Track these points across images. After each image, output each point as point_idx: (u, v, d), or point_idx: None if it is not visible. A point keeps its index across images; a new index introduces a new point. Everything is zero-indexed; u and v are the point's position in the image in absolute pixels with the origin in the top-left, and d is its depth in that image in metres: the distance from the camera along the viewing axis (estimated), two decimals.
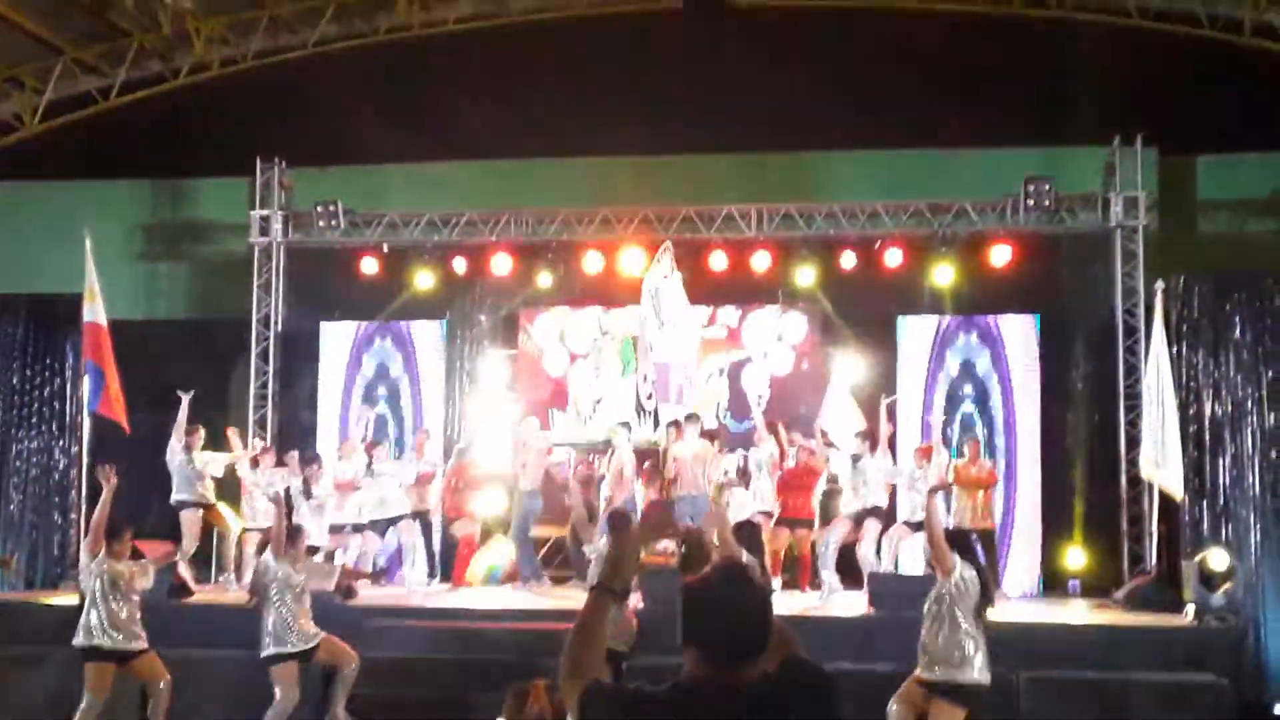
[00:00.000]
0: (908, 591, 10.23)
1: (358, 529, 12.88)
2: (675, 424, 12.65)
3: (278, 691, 8.68)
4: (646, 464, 12.63)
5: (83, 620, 8.71)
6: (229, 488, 12.85)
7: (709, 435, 12.74)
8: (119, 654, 8.69)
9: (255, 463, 12.74)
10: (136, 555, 9.03)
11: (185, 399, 12.34)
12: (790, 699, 3.10)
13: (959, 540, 8.52)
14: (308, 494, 12.41)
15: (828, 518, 12.35)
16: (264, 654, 8.73)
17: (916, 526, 12.03)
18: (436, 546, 13.47)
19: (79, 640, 8.69)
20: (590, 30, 15.48)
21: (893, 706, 7.65)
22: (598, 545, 9.04)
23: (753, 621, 3.13)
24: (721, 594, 3.16)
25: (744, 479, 12.47)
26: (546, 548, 13.45)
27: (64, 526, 13.74)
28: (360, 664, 9.01)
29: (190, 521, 12.20)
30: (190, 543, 12.14)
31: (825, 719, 3.15)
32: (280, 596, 8.70)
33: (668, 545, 3.54)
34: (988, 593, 7.57)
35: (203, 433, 12.48)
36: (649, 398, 14.16)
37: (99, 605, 8.65)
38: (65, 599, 11.15)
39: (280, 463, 12.81)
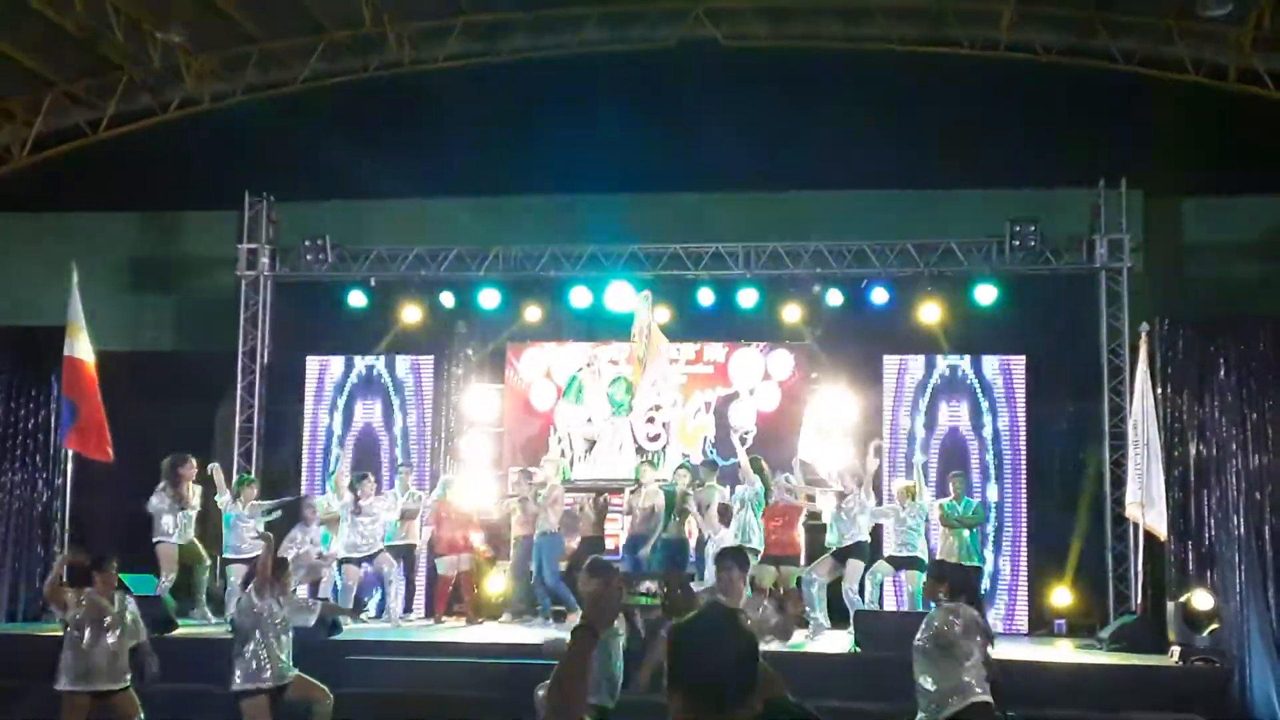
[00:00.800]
0: (894, 629, 10.26)
1: (343, 563, 12.84)
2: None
3: None
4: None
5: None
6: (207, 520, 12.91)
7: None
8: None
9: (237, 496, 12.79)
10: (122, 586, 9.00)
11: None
12: None
13: (958, 576, 8.43)
14: (357, 511, 12.71)
15: (814, 555, 12.37)
16: (235, 688, 8.55)
17: (901, 563, 12.09)
18: (420, 581, 13.47)
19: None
20: (581, 69, 15.63)
21: None
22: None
23: (740, 665, 3.13)
24: (709, 637, 3.16)
25: (725, 517, 12.45)
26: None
27: (46, 559, 13.62)
28: (333, 701, 8.93)
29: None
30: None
31: None
32: (262, 632, 8.63)
33: (650, 586, 3.54)
34: (988, 632, 7.41)
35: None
36: (654, 439, 14.24)
37: None
38: (49, 632, 11.11)
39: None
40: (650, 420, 14.42)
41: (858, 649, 10.72)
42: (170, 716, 9.27)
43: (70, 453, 12.62)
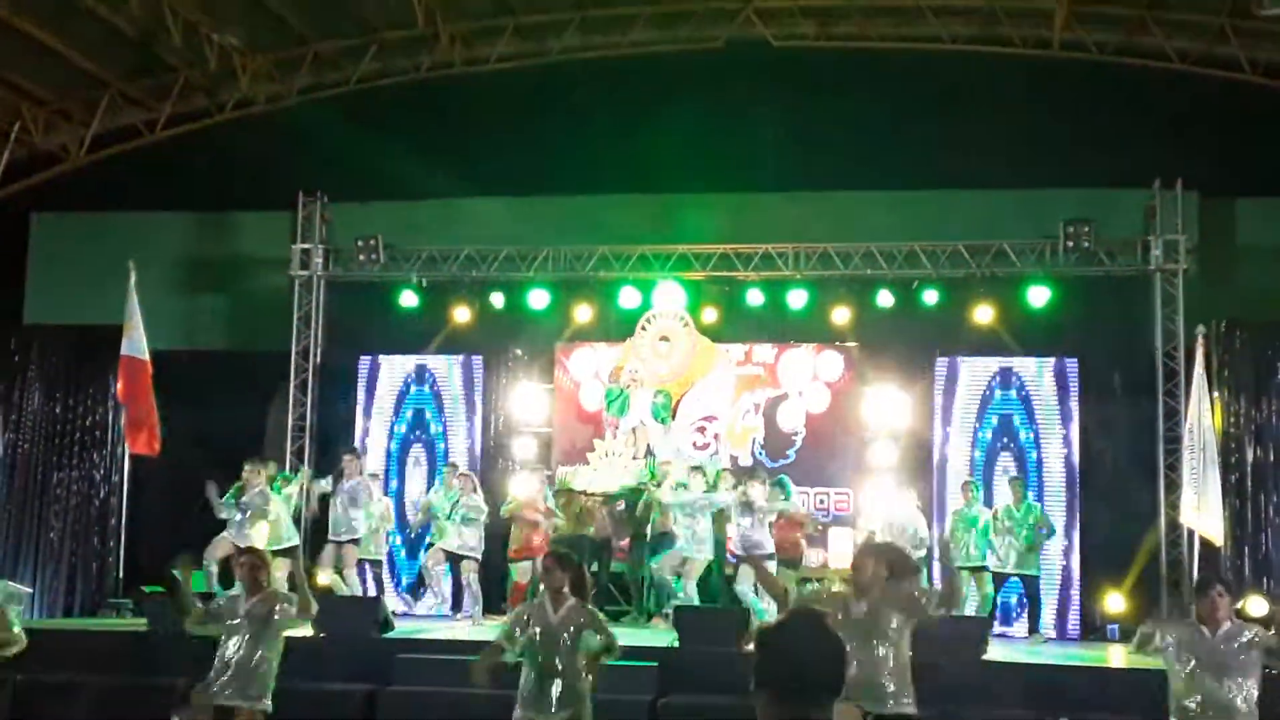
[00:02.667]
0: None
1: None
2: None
3: None
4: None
5: None
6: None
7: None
8: None
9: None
10: None
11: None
12: None
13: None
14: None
15: None
16: None
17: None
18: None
19: None
20: (631, 70, 15.63)
21: None
22: None
23: (826, 667, 3.15)
24: (795, 640, 3.18)
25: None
26: None
27: (103, 554, 13.85)
28: None
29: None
30: None
31: None
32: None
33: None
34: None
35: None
36: (702, 447, 14.29)
37: None
38: (103, 627, 11.27)
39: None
40: (700, 430, 14.36)
41: None
42: None
43: (127, 450, 12.75)
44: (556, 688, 7.20)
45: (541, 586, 7.55)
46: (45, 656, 10.96)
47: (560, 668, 7.30)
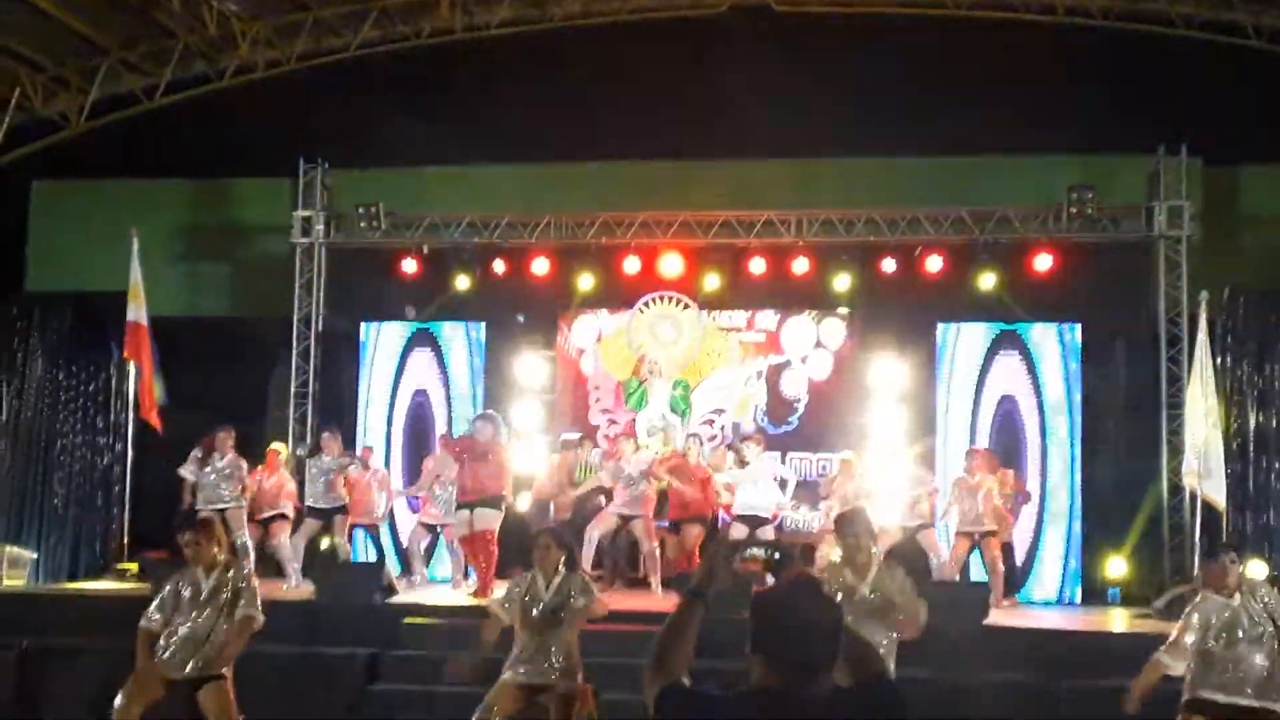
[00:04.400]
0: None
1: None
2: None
3: None
4: None
5: None
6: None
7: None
8: None
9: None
10: None
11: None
12: (855, 716, 3.12)
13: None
14: None
15: None
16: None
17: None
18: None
19: None
20: (632, 34, 15.56)
21: None
22: None
23: (821, 634, 3.14)
24: (791, 605, 3.18)
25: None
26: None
27: (106, 520, 13.88)
28: None
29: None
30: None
31: None
32: None
33: (756, 552, 3.60)
34: None
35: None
36: (711, 439, 14.21)
37: None
38: (107, 591, 11.32)
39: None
40: (709, 422, 14.34)
41: None
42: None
43: (131, 416, 12.78)
44: (548, 656, 7.48)
45: (536, 555, 7.78)
46: (50, 622, 11.07)
47: (551, 642, 7.54)
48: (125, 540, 13.46)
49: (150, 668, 7.81)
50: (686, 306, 14.54)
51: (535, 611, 7.55)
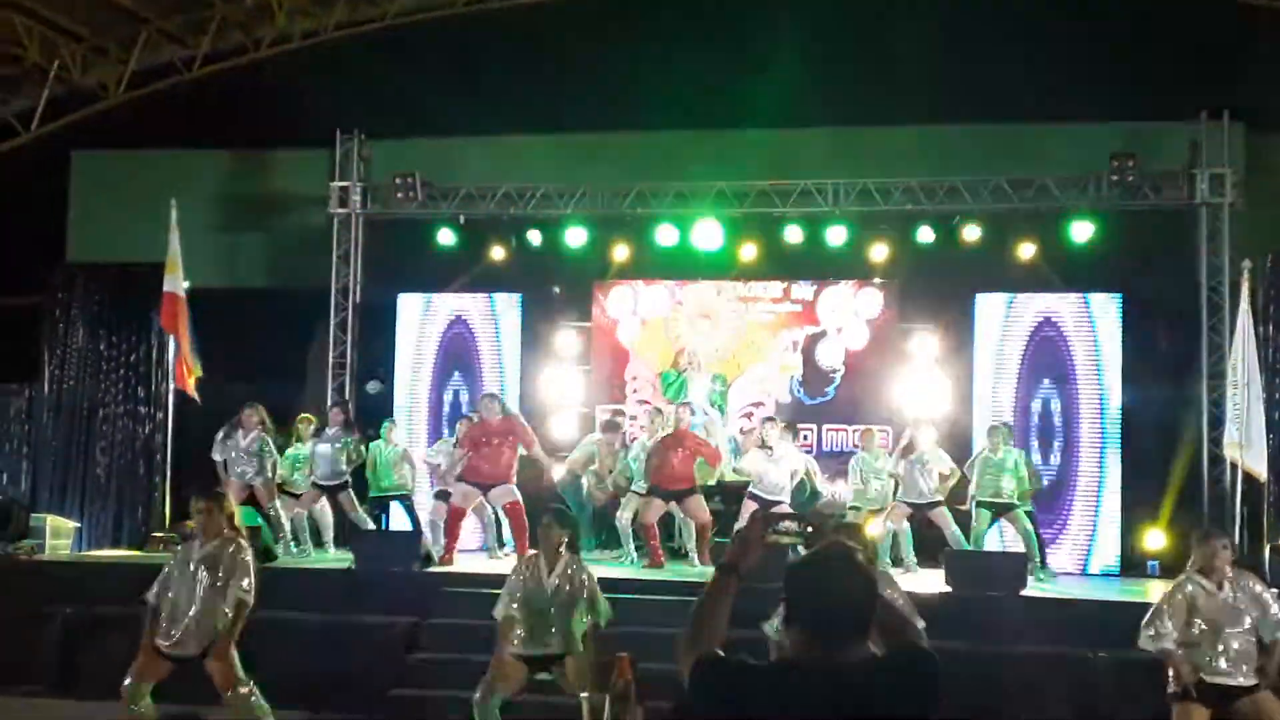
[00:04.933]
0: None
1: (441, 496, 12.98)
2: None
3: None
4: None
5: None
6: None
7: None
8: None
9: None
10: None
11: None
12: (889, 685, 3.13)
13: None
14: None
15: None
16: None
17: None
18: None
19: None
20: (669, 3, 15.53)
21: None
22: None
23: (855, 604, 3.16)
24: (824, 575, 3.20)
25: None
26: None
27: (149, 490, 14.01)
28: None
29: None
30: None
31: (922, 708, 3.17)
32: None
33: (789, 525, 3.64)
34: None
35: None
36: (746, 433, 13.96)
37: None
38: (150, 559, 11.43)
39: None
40: (748, 415, 14.16)
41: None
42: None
43: (171, 386, 12.87)
44: (547, 630, 7.66)
45: (541, 541, 8.03)
46: (93, 589, 11.21)
47: (552, 622, 7.70)
48: (167, 509, 13.60)
49: (153, 645, 7.92)
50: (726, 297, 14.55)
51: (536, 595, 7.80)
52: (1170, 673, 7.38)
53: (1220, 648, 7.25)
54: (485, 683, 7.79)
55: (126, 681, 7.96)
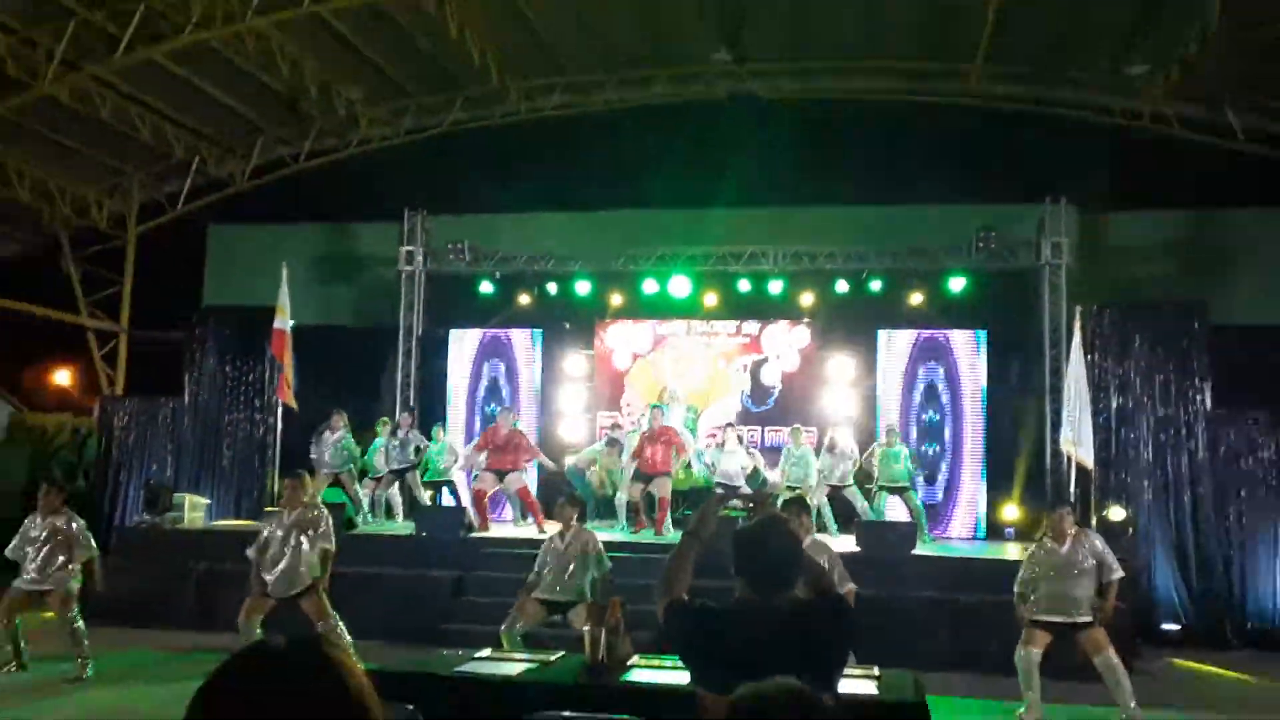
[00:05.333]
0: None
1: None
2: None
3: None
4: None
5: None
6: None
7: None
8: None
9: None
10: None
11: None
12: (814, 618, 3.17)
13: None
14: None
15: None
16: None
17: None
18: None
19: None
20: (653, 114, 15.69)
21: None
22: None
23: (784, 560, 3.20)
24: (762, 537, 3.23)
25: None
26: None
27: (261, 476, 13.97)
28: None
29: None
30: None
31: (839, 634, 3.20)
32: None
33: (736, 503, 3.71)
34: None
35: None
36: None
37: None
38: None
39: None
40: (712, 436, 13.65)
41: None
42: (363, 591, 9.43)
43: (278, 399, 12.88)
44: (563, 582, 7.70)
45: (556, 514, 8.18)
46: (219, 550, 11.20)
47: (567, 578, 7.74)
48: (274, 490, 13.57)
49: (259, 589, 7.95)
50: (693, 331, 14.52)
51: (556, 555, 7.91)
52: (1017, 609, 7.50)
53: (1064, 591, 7.30)
54: (511, 615, 7.80)
55: (240, 617, 7.97)
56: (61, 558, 8.32)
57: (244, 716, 1.17)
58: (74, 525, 8.45)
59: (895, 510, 12.49)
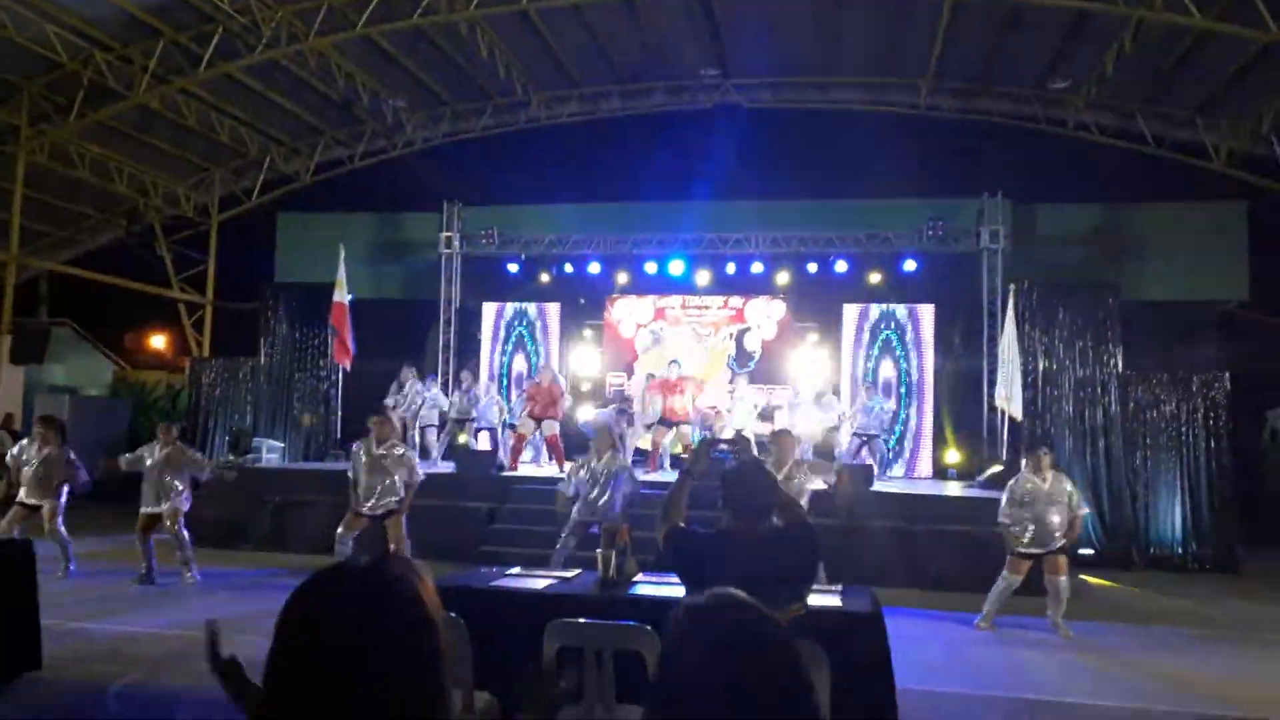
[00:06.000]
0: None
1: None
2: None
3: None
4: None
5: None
6: None
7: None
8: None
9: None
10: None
11: None
12: (786, 541, 3.18)
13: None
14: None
15: None
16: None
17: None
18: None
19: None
20: (653, 120, 15.56)
21: None
22: None
23: (764, 494, 3.19)
24: (745, 477, 3.23)
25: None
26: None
27: (326, 423, 13.96)
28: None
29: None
30: None
31: (809, 555, 3.20)
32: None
33: (723, 445, 3.74)
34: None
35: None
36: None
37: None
38: (329, 467, 11.41)
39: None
40: (713, 409, 13.55)
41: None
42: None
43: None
44: (596, 503, 7.60)
45: (594, 445, 7.94)
46: (291, 486, 11.22)
47: (601, 496, 7.66)
48: (338, 435, 13.60)
49: (354, 508, 7.99)
50: (687, 306, 14.38)
51: (591, 477, 7.75)
52: (1006, 539, 7.39)
53: (1044, 520, 7.23)
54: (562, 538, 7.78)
55: (339, 530, 8.01)
56: (178, 484, 8.55)
57: (333, 623, 1.17)
58: (186, 452, 8.75)
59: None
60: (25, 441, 8.68)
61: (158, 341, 21.64)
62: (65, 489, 8.54)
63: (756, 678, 1.32)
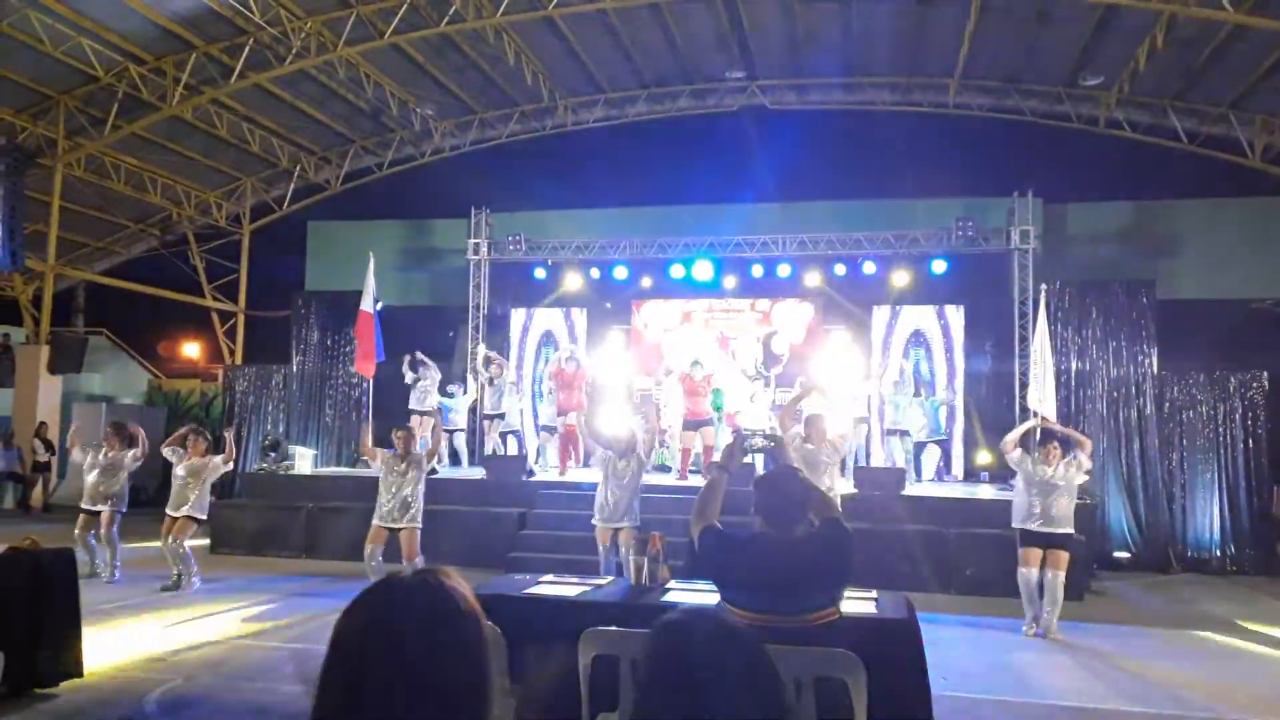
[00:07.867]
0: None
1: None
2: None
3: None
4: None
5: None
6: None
7: None
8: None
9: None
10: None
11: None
12: (820, 545, 3.16)
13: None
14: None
15: None
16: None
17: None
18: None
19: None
20: (680, 124, 15.54)
21: None
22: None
23: (796, 501, 3.18)
24: (778, 483, 3.22)
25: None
26: None
27: (358, 429, 14.07)
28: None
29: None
30: None
31: (842, 557, 3.18)
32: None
33: (755, 441, 3.74)
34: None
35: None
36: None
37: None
38: (362, 474, 11.50)
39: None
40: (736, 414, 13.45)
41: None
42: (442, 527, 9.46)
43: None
44: (617, 507, 7.61)
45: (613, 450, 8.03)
46: (324, 491, 11.32)
47: (621, 487, 7.66)
48: (369, 443, 13.66)
49: (377, 519, 8.04)
50: (714, 309, 14.32)
51: (610, 464, 7.85)
52: (1018, 536, 7.38)
53: (1051, 507, 7.26)
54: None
55: (367, 546, 8.01)
56: (195, 492, 8.75)
57: (389, 634, 1.19)
58: (212, 460, 8.91)
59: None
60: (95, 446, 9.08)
61: (191, 350, 21.92)
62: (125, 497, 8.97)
63: (724, 698, 1.36)
